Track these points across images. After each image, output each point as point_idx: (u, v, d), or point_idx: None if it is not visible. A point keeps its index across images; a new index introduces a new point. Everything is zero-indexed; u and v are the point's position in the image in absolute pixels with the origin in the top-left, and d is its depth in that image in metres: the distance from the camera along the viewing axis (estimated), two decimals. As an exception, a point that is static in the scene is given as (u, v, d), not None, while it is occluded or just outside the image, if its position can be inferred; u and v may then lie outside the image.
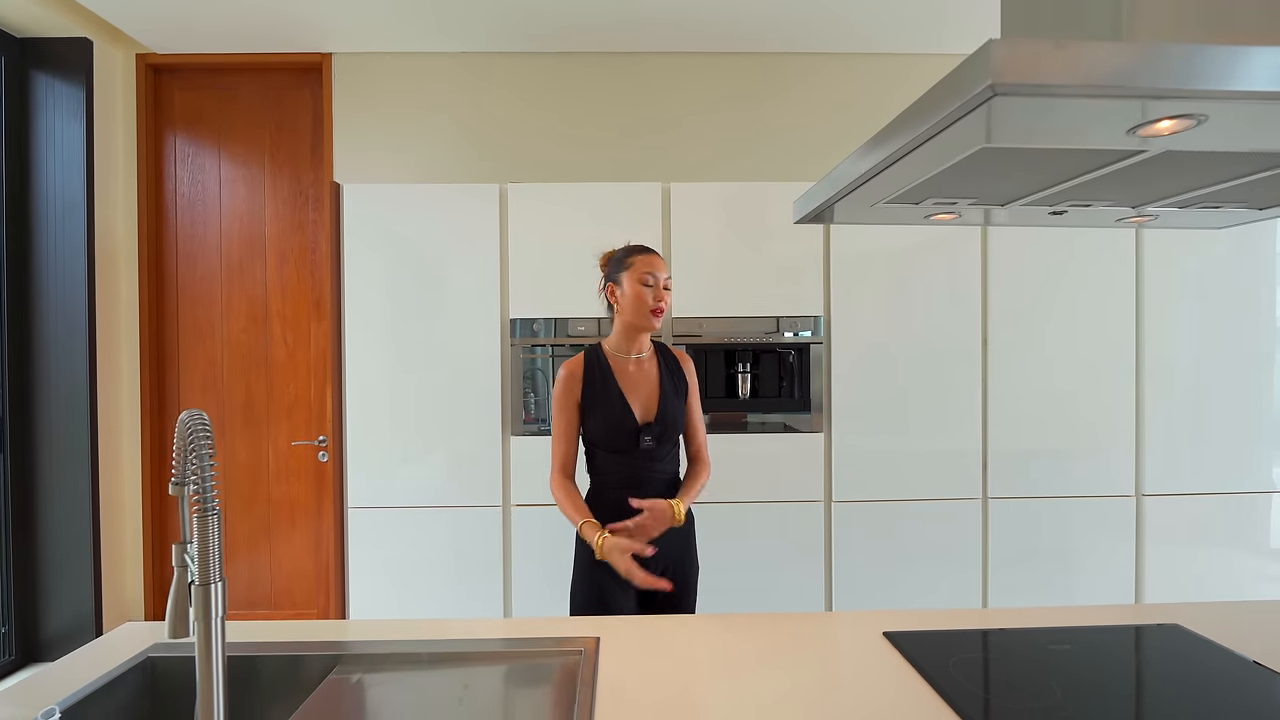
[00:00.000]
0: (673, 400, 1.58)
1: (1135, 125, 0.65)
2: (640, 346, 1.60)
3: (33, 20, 2.53)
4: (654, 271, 1.53)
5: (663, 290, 1.54)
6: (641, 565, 1.43)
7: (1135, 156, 0.75)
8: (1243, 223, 1.11)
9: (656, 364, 1.61)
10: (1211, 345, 2.41)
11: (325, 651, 1.07)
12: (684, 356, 1.69)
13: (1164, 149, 0.72)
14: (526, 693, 1.01)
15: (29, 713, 0.90)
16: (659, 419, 1.55)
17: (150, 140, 2.86)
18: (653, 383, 1.58)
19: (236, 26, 2.64)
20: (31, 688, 0.97)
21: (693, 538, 1.64)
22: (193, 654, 1.07)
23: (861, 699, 0.93)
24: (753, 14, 2.55)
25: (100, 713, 0.92)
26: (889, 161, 0.77)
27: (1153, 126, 0.65)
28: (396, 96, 2.84)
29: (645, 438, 1.53)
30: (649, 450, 1.53)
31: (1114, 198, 0.96)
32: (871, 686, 0.97)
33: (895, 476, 2.37)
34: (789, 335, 2.36)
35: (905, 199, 0.97)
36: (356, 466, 2.34)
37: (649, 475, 1.54)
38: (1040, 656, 1.06)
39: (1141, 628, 1.16)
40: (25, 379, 2.62)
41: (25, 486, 2.62)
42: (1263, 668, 1.01)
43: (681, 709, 0.90)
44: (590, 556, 1.47)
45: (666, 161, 2.82)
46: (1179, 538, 2.42)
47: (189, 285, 2.88)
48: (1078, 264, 2.39)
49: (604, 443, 1.54)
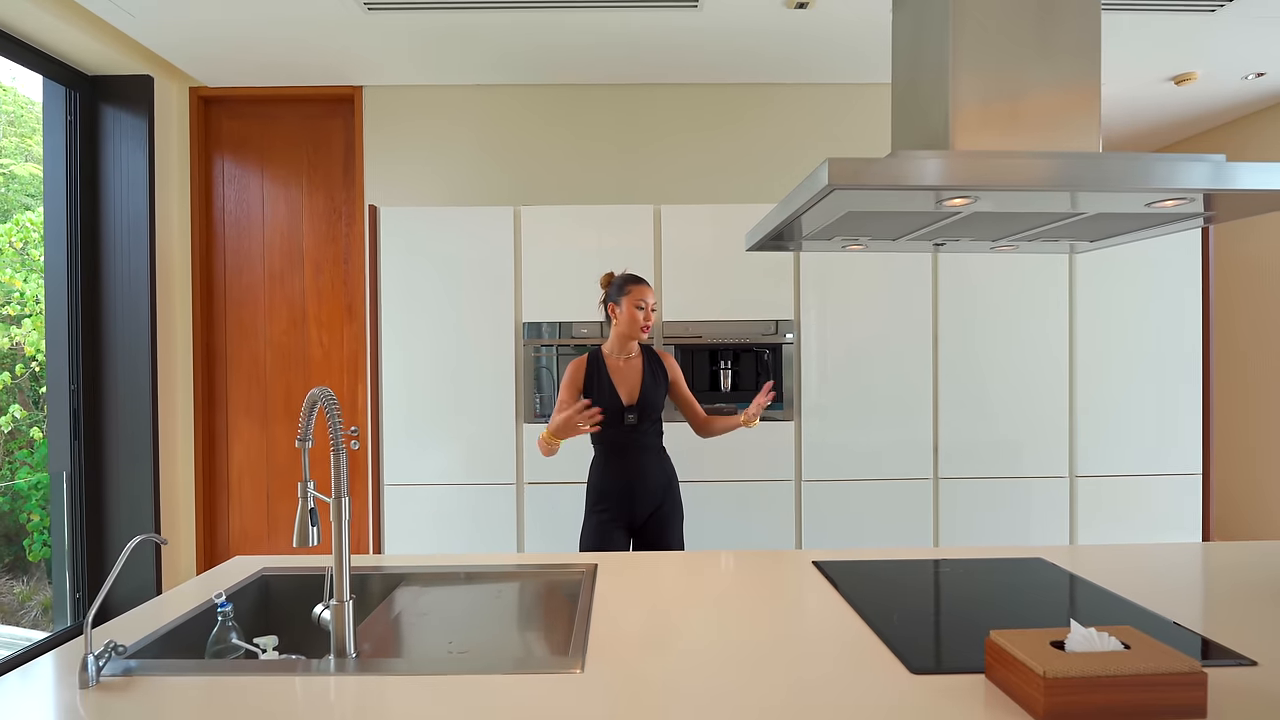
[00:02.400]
0: (651, 389, 2.04)
1: (939, 201, 1.01)
2: (629, 350, 2.07)
3: (102, 60, 2.90)
4: (645, 299, 2.02)
5: (650, 311, 2.02)
6: (632, 506, 1.98)
7: (955, 215, 1.11)
8: (1083, 251, 1.46)
9: (642, 362, 2.08)
10: (1135, 346, 2.76)
11: (392, 572, 1.43)
12: (666, 356, 2.15)
13: (971, 211, 1.08)
14: (543, 598, 1.37)
15: (174, 614, 1.26)
16: (639, 402, 2.03)
17: (201, 164, 3.23)
18: (637, 376, 2.05)
19: (277, 63, 3.00)
20: (170, 601, 1.33)
21: (677, 490, 2.09)
22: (294, 570, 1.43)
23: (792, 606, 1.28)
24: (735, 49, 2.91)
25: (238, 608, 1.28)
26: (793, 218, 1.12)
27: (949, 202, 1.01)
28: (420, 124, 3.21)
29: (629, 415, 2.02)
30: (632, 425, 2.02)
31: (970, 236, 1.32)
32: (800, 598, 1.32)
33: (857, 459, 2.72)
34: (764, 337, 2.72)
35: (819, 237, 1.33)
36: (392, 449, 2.70)
37: (632, 443, 2.04)
38: (929, 578, 1.41)
39: (1013, 560, 1.52)
40: (96, 375, 2.99)
41: (95, 470, 2.99)
42: (1083, 579, 1.36)
43: (653, 608, 1.26)
44: (593, 506, 2.01)
45: (658, 185, 3.19)
46: (1108, 513, 2.77)
47: (236, 292, 3.25)
48: (1017, 275, 2.74)
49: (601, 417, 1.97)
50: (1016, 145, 1.10)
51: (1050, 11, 1.12)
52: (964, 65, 1.11)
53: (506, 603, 1.37)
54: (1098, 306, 2.76)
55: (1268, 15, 2.75)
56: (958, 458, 2.74)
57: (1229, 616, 1.18)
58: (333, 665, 1.02)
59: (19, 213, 5.67)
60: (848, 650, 1.07)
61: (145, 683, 0.98)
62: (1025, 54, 1.12)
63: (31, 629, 4.03)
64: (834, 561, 1.50)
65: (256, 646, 1.18)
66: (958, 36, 1.11)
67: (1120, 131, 4.02)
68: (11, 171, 6.30)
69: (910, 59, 1.26)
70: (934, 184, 0.91)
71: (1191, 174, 0.95)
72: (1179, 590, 1.32)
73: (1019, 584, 1.38)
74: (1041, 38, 1.12)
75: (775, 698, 0.92)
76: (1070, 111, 1.12)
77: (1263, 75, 3.35)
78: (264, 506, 3.24)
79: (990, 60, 1.12)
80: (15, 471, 5.66)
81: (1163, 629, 1.13)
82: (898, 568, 1.47)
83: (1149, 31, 2.81)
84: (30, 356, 5.40)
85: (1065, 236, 1.34)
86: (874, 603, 1.26)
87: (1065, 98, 1.11)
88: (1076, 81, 1.12)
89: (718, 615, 1.22)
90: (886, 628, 1.14)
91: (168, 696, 0.94)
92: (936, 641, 1.09)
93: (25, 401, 5.61)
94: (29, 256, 5.51)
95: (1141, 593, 1.30)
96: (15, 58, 2.65)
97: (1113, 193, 0.98)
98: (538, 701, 0.92)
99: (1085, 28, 1.13)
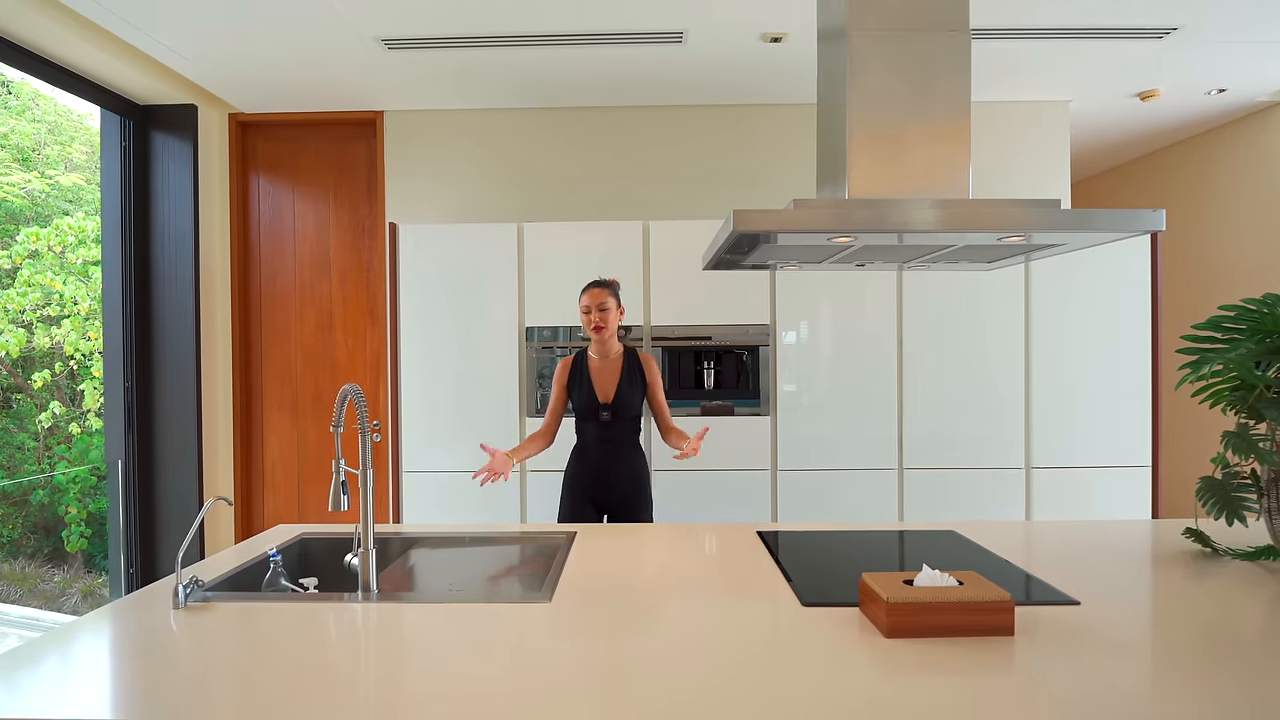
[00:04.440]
0: (627, 391, 2.23)
1: (827, 239, 1.29)
2: (607, 351, 2.25)
3: (153, 92, 3.24)
4: (590, 304, 2.19)
5: (599, 313, 2.18)
6: (600, 495, 2.23)
7: (850, 248, 1.39)
8: (986, 271, 1.73)
9: (621, 364, 2.27)
10: (1089, 345, 3.00)
11: (407, 535, 1.74)
12: (649, 361, 2.31)
13: (862, 245, 1.36)
14: (529, 555, 1.67)
15: (235, 564, 1.57)
16: (614, 402, 2.22)
17: (239, 182, 3.58)
18: (614, 376, 2.25)
19: (307, 92, 3.34)
20: (230, 555, 1.64)
21: (646, 486, 2.29)
22: (327, 535, 1.75)
23: (729, 561, 1.57)
24: (715, 77, 3.19)
25: (284, 560, 1.59)
26: (719, 254, 1.41)
27: (836, 239, 1.29)
28: (434, 144, 3.53)
29: (603, 413, 2.22)
30: (606, 421, 2.23)
31: (879, 260, 1.59)
32: (738, 557, 1.60)
33: (827, 451, 2.99)
34: (743, 339, 3.00)
35: (757, 262, 1.61)
36: (410, 440, 3.03)
37: (607, 438, 2.24)
38: (851, 544, 1.69)
39: (930, 531, 1.79)
40: (147, 372, 3.34)
41: (147, 457, 3.34)
42: (978, 545, 1.62)
43: (615, 563, 1.55)
44: (568, 490, 2.27)
45: (647, 199, 3.49)
46: (1061, 502, 3.01)
47: (269, 298, 3.59)
48: (977, 281, 2.99)
49: (580, 414, 2.27)
50: (900, 187, 1.37)
51: (928, 80, 1.40)
52: (857, 124, 1.39)
53: (499, 558, 1.67)
54: (1053, 309, 3.00)
55: (1217, 39, 2.96)
56: (921, 450, 3.00)
57: (1079, 572, 1.45)
58: (360, 597, 1.33)
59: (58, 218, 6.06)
60: (761, 591, 1.36)
61: (219, 607, 1.29)
62: (907, 114, 1.39)
63: (73, 614, 4.41)
64: (773, 531, 1.78)
65: (300, 586, 1.50)
66: (852, 102, 1.39)
67: (1091, 144, 4.24)
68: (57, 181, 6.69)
69: (825, 106, 1.54)
70: (817, 228, 1.19)
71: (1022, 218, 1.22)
72: (1053, 555, 1.58)
73: (926, 550, 1.65)
74: (921, 101, 1.40)
75: (698, 619, 1.21)
76: (944, 161, 1.39)
77: (1224, 91, 3.55)
78: (295, 492, 3.58)
79: (878, 118, 1.39)
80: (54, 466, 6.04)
81: (1015, 579, 1.40)
82: (827, 536, 1.75)
83: (1110, 53, 3.02)
84: (69, 355, 5.78)
85: (962, 259, 1.61)
86: (794, 560, 1.54)
87: (939, 150, 1.39)
88: (949, 138, 1.39)
89: (668, 568, 1.51)
90: (796, 576, 1.42)
91: (237, 616, 1.25)
92: (831, 585, 1.37)
93: (63, 398, 5.99)
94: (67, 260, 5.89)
95: (1020, 556, 1.57)
96: (79, 92, 3.00)
97: (966, 231, 1.25)
98: (513, 621, 1.22)
99: (957, 96, 1.40)
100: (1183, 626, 1.17)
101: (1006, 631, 1.12)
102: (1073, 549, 1.63)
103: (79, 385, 5.96)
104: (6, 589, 5.77)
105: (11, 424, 6.01)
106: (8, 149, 6.09)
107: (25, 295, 5.50)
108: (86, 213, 6.28)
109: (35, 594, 5.84)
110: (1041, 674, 0.99)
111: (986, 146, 3.53)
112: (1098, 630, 1.15)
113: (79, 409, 6.01)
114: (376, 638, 1.17)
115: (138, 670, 1.05)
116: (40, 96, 6.35)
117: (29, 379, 5.76)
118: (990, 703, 0.92)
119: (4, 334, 5.44)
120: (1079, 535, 1.75)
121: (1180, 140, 4.26)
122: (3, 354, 5.56)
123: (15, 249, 5.59)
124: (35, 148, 6.49)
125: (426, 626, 1.20)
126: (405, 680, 1.00)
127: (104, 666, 1.08)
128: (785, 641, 1.13)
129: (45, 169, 6.40)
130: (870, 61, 1.39)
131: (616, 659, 1.07)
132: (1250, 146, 3.81)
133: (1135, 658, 1.06)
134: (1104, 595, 1.31)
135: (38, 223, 6.05)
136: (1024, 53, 3.03)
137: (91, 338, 5.71)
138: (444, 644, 1.13)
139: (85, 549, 5.83)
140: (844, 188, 1.39)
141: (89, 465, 5.88)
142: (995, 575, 1.41)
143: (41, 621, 3.97)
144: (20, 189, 6.13)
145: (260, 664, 1.06)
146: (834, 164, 1.47)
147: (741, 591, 1.36)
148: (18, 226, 5.98)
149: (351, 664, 1.07)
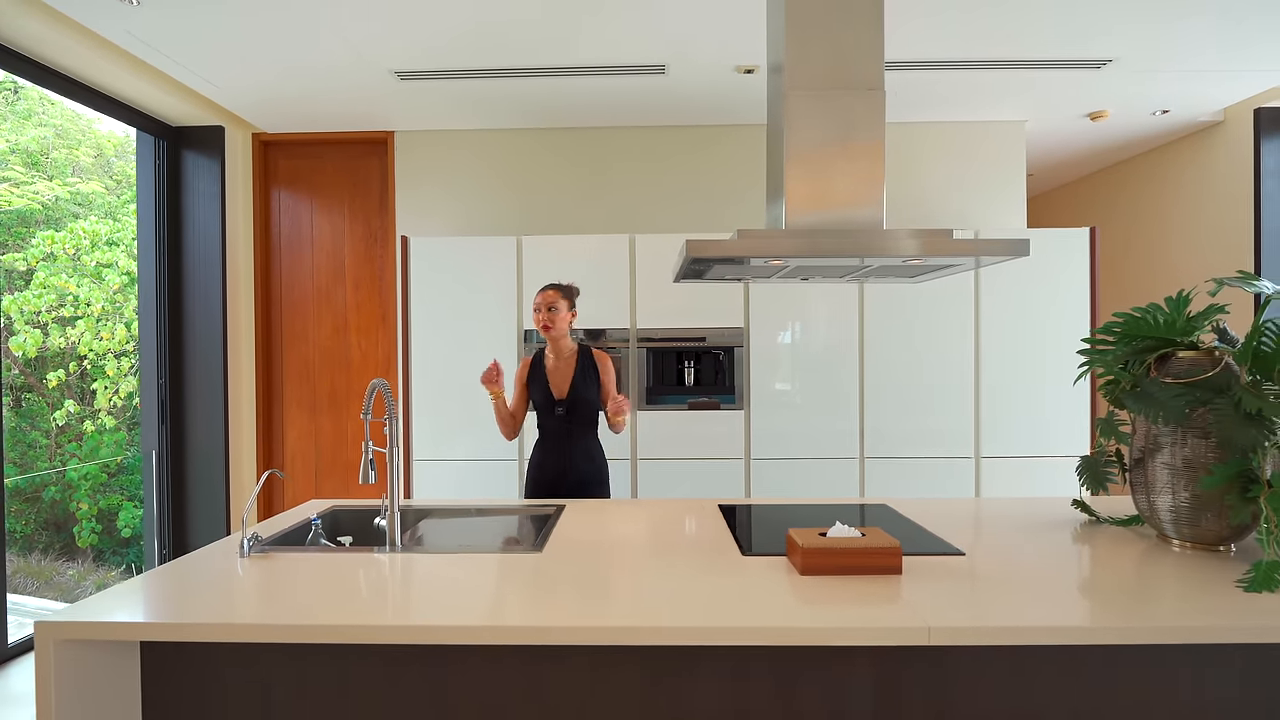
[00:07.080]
0: (581, 386, 2.36)
1: (764, 261, 1.61)
2: (560, 350, 2.41)
3: (183, 114, 3.56)
4: (540, 303, 2.34)
5: (547, 312, 2.33)
6: (559, 485, 2.36)
7: (786, 267, 1.70)
8: (912, 284, 2.05)
9: (575, 362, 2.40)
10: (1032, 345, 3.31)
11: (421, 508, 2.05)
12: (604, 359, 2.43)
13: (795, 265, 1.67)
14: (525, 523, 1.99)
15: (281, 528, 1.89)
16: (568, 397, 2.37)
17: (261, 196, 3.90)
18: (569, 374, 2.39)
19: (325, 114, 3.65)
20: (277, 522, 1.96)
21: (604, 477, 2.45)
22: (355, 508, 2.06)
23: (693, 526, 1.88)
24: (694, 103, 3.51)
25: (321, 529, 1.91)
26: (682, 271, 1.73)
27: (772, 261, 1.61)
28: (442, 162, 3.85)
29: (558, 408, 2.36)
30: (562, 415, 2.37)
31: (821, 275, 1.91)
32: (700, 523, 1.91)
33: (796, 441, 3.31)
34: (720, 341, 3.31)
35: (716, 277, 1.93)
36: (419, 433, 3.34)
37: (564, 432, 2.38)
38: (796, 516, 2.00)
39: (865, 505, 2.10)
40: (179, 370, 3.66)
41: (178, 448, 3.66)
42: (901, 515, 1.93)
43: (596, 528, 1.86)
44: (530, 479, 2.42)
45: (633, 212, 3.81)
46: (1007, 488, 3.32)
47: (289, 303, 3.91)
48: (931, 288, 3.31)
49: (538, 408, 2.42)
50: (826, 215, 1.69)
51: (850, 126, 1.71)
52: (793, 155, 1.71)
53: (501, 525, 1.99)
54: (1000, 313, 3.32)
55: (1151, 69, 3.28)
56: (881, 441, 3.32)
57: (976, 535, 1.76)
58: (388, 550, 1.65)
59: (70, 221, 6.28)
60: (712, 545, 1.67)
61: (277, 556, 1.61)
62: (833, 151, 1.71)
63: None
64: (732, 505, 2.10)
65: (339, 543, 1.81)
66: (789, 141, 1.71)
67: (1045, 160, 4.55)
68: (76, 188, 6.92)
69: (771, 135, 1.85)
70: (753, 254, 1.51)
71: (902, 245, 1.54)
72: (960, 523, 1.90)
73: (856, 518, 1.96)
74: (844, 141, 1.71)
75: (660, 564, 1.53)
76: (860, 194, 1.70)
77: (1168, 112, 3.86)
78: (313, 480, 3.90)
79: (810, 153, 1.71)
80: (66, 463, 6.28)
81: (917, 535, 1.71)
82: (777, 509, 2.07)
83: (1060, 78, 3.34)
84: (82, 355, 6.04)
85: (889, 275, 1.92)
86: (744, 524, 1.86)
87: (857, 179, 1.70)
88: (866, 170, 1.70)
89: (640, 530, 1.83)
90: (742, 535, 1.74)
91: (291, 563, 1.57)
92: (768, 541, 1.69)
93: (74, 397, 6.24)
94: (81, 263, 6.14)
95: (932, 522, 1.89)
96: (116, 115, 3.32)
97: (877, 256, 1.57)
98: (510, 566, 1.53)
99: (873, 137, 1.71)
100: (1051, 571, 1.49)
101: (896, 570, 1.44)
102: (979, 517, 1.95)
103: (91, 385, 6.23)
104: (25, 581, 6.04)
105: (24, 422, 6.18)
106: (18, 153, 6.21)
107: (40, 297, 5.64)
108: (99, 216, 6.43)
109: (51, 585, 6.09)
110: (920, 602, 1.30)
111: (946, 163, 3.85)
112: (975, 573, 1.47)
113: (91, 408, 6.27)
114: (403, 575, 1.49)
115: (234, 589, 1.37)
116: (47, 101, 6.47)
117: (43, 379, 5.94)
118: (879, 623, 1.23)
119: (21, 335, 5.62)
120: (990, 508, 2.07)
121: (1128, 157, 4.58)
122: (19, 354, 5.74)
123: (30, 251, 5.75)
124: (44, 151, 6.62)
125: (443, 566, 1.52)
126: (425, 596, 1.32)
127: (209, 586, 1.40)
128: (725, 579, 1.45)
129: (54, 173, 6.53)
130: (803, 111, 1.71)
131: (594, 586, 1.39)
132: (1191, 164, 4.12)
133: (1003, 592, 1.37)
134: (988, 549, 1.63)
135: (50, 226, 6.21)
136: (982, 78, 3.34)
137: (104, 338, 5.86)
138: (456, 579, 1.45)
139: (95, 544, 6.09)
140: (782, 205, 1.70)
141: (99, 461, 6.07)
142: (900, 533, 1.72)
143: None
144: (40, 198, 6.28)
145: (318, 591, 1.38)
146: (777, 185, 1.78)
147: (697, 546, 1.68)
148: (31, 230, 6.14)
149: (385, 591, 1.39)
